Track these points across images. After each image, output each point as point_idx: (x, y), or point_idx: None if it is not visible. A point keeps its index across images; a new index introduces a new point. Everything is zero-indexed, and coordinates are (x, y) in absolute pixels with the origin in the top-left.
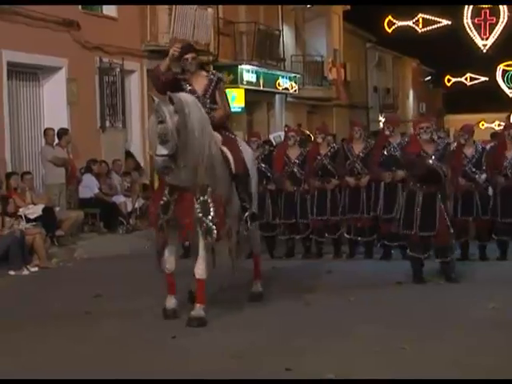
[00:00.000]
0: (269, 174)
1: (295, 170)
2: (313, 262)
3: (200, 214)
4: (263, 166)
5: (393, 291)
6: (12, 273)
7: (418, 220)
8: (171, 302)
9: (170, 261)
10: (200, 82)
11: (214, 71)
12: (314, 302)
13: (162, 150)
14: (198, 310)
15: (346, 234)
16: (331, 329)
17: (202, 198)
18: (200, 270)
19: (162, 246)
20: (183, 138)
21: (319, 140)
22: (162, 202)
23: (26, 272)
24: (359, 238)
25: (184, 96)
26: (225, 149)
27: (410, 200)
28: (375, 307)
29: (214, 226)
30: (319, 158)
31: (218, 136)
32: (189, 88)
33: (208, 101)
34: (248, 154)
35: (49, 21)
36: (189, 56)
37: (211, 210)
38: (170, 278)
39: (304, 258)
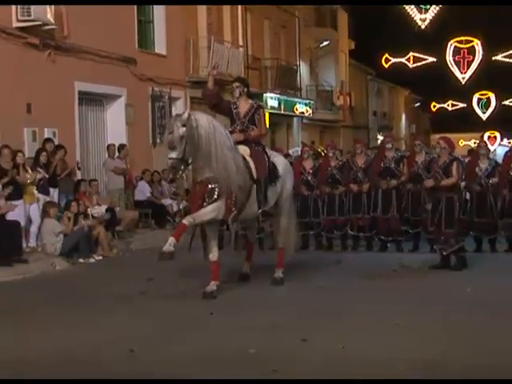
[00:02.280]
0: None
1: (309, 178)
2: (323, 253)
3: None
4: None
5: (389, 277)
6: (81, 260)
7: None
8: (211, 285)
9: (213, 251)
10: (244, 107)
11: (257, 100)
12: (325, 285)
13: (171, 154)
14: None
15: (349, 231)
16: (339, 307)
17: (210, 186)
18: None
19: (202, 239)
20: (192, 145)
21: (330, 154)
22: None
23: (92, 260)
24: (361, 234)
25: (198, 114)
26: (248, 158)
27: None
28: (375, 290)
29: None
30: (329, 168)
31: (246, 149)
32: (235, 111)
33: (246, 122)
34: (281, 163)
35: (112, 58)
36: (234, 84)
37: (215, 194)
38: (214, 265)
39: (316, 250)
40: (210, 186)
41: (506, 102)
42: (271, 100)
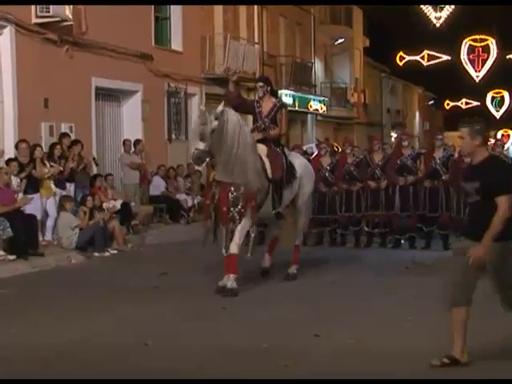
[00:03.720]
0: None
1: (327, 174)
2: (337, 249)
3: (230, 205)
4: None
5: (402, 274)
6: (96, 254)
7: None
8: (224, 280)
9: (230, 246)
10: (267, 106)
11: (280, 99)
12: (339, 281)
13: (199, 145)
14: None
15: (365, 227)
16: (351, 302)
17: (234, 194)
18: (233, 246)
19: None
20: (218, 139)
21: (348, 151)
22: (210, 194)
23: (107, 254)
24: (376, 231)
25: (231, 111)
26: (264, 158)
27: None
28: (388, 286)
29: (237, 216)
30: (346, 165)
31: (264, 148)
32: (258, 110)
33: (268, 121)
34: (301, 165)
35: (128, 54)
36: (258, 84)
37: (240, 203)
38: (227, 259)
39: (330, 247)
40: (231, 193)
41: None
42: (286, 97)
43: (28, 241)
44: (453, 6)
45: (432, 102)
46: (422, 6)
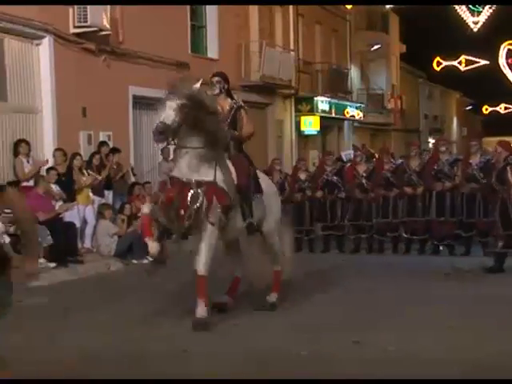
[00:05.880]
0: (340, 185)
1: (363, 181)
2: (374, 256)
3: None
4: (335, 178)
5: (441, 280)
6: (134, 261)
7: None
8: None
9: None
10: (222, 107)
11: (236, 100)
12: (377, 287)
13: (167, 119)
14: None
15: (403, 234)
16: (390, 309)
17: (193, 191)
18: (201, 264)
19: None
20: (190, 119)
21: (385, 159)
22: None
23: (145, 261)
24: (414, 237)
25: (203, 92)
26: (229, 163)
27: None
28: (426, 292)
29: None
30: (383, 172)
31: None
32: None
33: (226, 125)
34: (265, 180)
35: (165, 62)
36: (214, 79)
37: (199, 199)
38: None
39: (368, 253)
40: (191, 190)
41: None
42: (322, 104)
43: (67, 248)
44: (490, 11)
45: (470, 107)
46: (458, 11)
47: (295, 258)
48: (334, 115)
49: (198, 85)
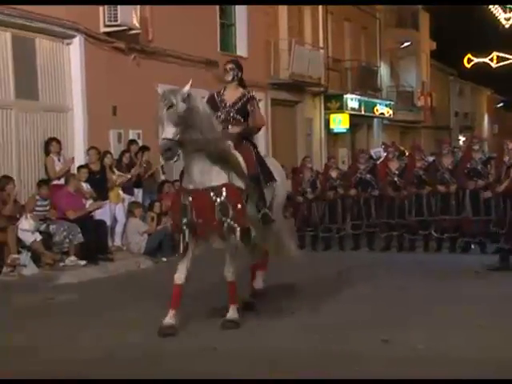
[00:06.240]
0: (373, 183)
1: (395, 179)
2: (405, 254)
3: (220, 215)
4: (368, 176)
5: (471, 278)
6: (164, 259)
7: None
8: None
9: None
10: (232, 95)
11: (250, 90)
12: (407, 285)
13: (168, 134)
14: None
15: (433, 232)
16: (420, 307)
17: (219, 200)
18: (229, 272)
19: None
20: (188, 126)
21: (417, 157)
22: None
23: (175, 259)
24: (445, 235)
25: (193, 94)
26: (236, 152)
27: None
28: (456, 291)
29: (235, 225)
30: (415, 169)
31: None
32: (219, 98)
33: (233, 111)
34: (274, 165)
35: (194, 61)
36: (228, 66)
37: (230, 210)
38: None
39: (398, 252)
40: (218, 199)
41: None
42: (351, 101)
43: (98, 246)
44: None
45: (501, 104)
46: (490, 7)
47: (325, 256)
48: (363, 113)
49: (187, 87)
